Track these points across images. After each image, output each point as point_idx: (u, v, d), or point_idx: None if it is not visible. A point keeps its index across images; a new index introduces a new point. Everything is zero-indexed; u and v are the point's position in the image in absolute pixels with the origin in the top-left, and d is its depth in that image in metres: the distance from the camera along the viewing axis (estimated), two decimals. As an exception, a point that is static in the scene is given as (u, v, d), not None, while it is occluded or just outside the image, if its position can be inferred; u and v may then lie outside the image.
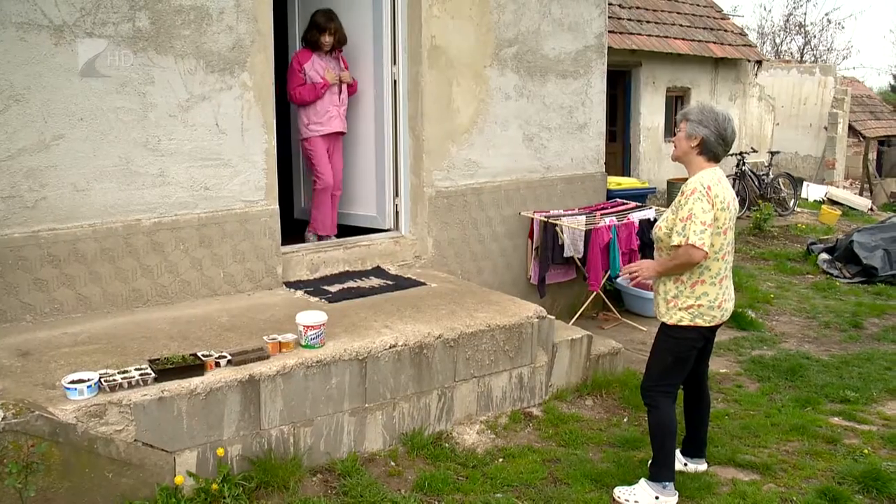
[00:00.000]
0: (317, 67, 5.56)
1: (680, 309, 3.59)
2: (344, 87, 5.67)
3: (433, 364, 4.23)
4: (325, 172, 5.65)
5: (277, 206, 4.96)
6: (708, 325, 3.60)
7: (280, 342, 3.81)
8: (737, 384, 5.39)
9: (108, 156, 4.31)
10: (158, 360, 3.55)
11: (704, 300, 3.57)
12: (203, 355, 3.62)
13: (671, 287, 3.61)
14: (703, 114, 3.58)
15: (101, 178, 4.31)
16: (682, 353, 3.64)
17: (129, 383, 3.35)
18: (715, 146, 3.58)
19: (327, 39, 5.52)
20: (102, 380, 3.33)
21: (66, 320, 4.21)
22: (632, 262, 6.39)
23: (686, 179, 3.70)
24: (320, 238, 5.74)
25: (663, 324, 3.67)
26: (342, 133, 5.74)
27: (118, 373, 3.42)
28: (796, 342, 6.49)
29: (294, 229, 5.85)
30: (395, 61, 5.57)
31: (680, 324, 3.59)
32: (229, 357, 3.65)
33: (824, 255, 9.36)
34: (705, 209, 3.45)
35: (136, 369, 3.47)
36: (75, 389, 3.23)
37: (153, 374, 3.43)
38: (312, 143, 5.63)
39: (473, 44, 5.77)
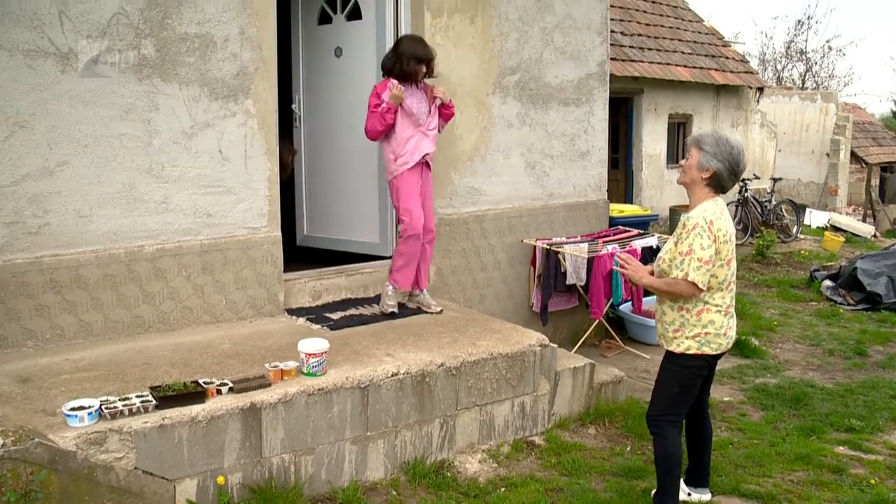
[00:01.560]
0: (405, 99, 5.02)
1: (687, 337, 3.59)
2: (433, 112, 5.11)
3: (435, 392, 4.24)
4: (415, 214, 4.99)
5: (280, 233, 5.00)
6: (714, 352, 3.61)
7: (282, 370, 3.83)
8: (740, 412, 5.38)
9: (111, 182, 4.36)
10: (160, 387, 3.56)
11: (711, 328, 3.57)
12: (204, 382, 3.63)
13: (675, 317, 3.62)
14: (719, 146, 3.53)
15: (105, 205, 4.35)
16: (689, 381, 3.65)
17: (130, 410, 3.36)
18: (726, 180, 3.56)
19: (424, 70, 5.05)
20: (103, 407, 3.34)
21: (67, 346, 4.23)
22: (631, 288, 6.48)
23: (687, 207, 3.73)
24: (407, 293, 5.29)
25: (669, 352, 3.67)
26: (429, 164, 5.18)
27: (119, 399, 3.43)
28: (800, 370, 6.49)
29: (296, 256, 5.88)
30: (399, 91, 5.62)
31: (687, 352, 3.59)
32: (231, 384, 3.67)
33: (828, 282, 9.38)
34: (705, 245, 3.45)
35: (137, 396, 3.48)
36: (76, 416, 3.24)
37: (154, 402, 3.44)
38: (400, 179, 5.03)
39: (476, 72, 5.84)
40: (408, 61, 4.93)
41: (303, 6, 6.15)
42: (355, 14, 5.75)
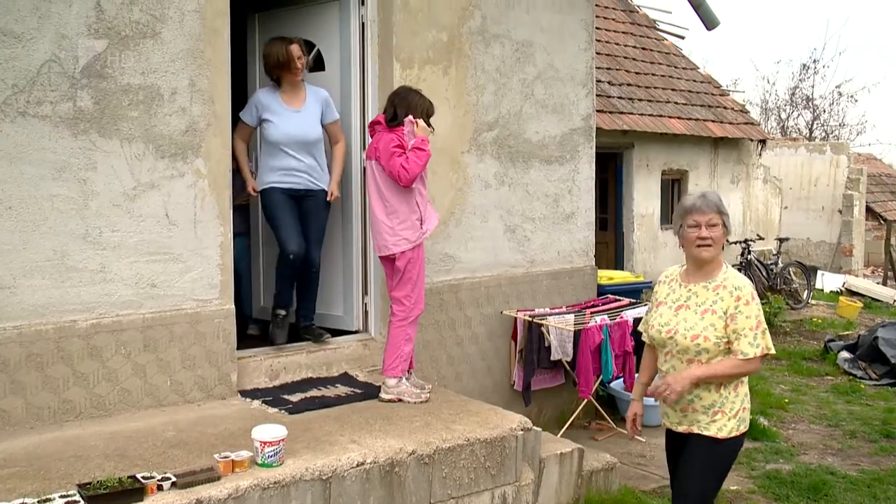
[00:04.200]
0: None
1: (731, 418, 3.60)
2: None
3: (406, 484, 4.26)
4: (423, 293, 5.15)
5: (233, 306, 5.05)
6: (746, 429, 3.70)
7: (233, 461, 3.83)
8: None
9: (40, 249, 4.38)
10: (89, 484, 3.51)
11: (746, 402, 3.67)
12: (143, 477, 3.61)
13: (713, 395, 3.61)
14: (725, 205, 3.70)
15: (32, 274, 4.36)
16: (727, 468, 3.69)
17: (53, 514, 3.32)
18: None
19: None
20: (19, 511, 3.30)
21: (-23, 438, 4.17)
22: (623, 363, 6.52)
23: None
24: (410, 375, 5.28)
25: (709, 440, 3.61)
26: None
27: (38, 502, 3.38)
28: (818, 454, 6.51)
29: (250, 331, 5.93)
30: (363, 148, 5.78)
31: (731, 436, 3.61)
32: (174, 479, 3.65)
33: (845, 354, 9.42)
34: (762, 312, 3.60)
35: (61, 496, 3.42)
36: (-14, 523, 3.21)
37: (82, 502, 3.40)
38: (417, 252, 5.03)
39: (450, 128, 6.02)
40: (421, 115, 5.02)
41: (260, 56, 6.31)
42: (318, 65, 5.93)
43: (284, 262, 5.45)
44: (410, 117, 4.98)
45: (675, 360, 3.69)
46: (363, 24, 5.76)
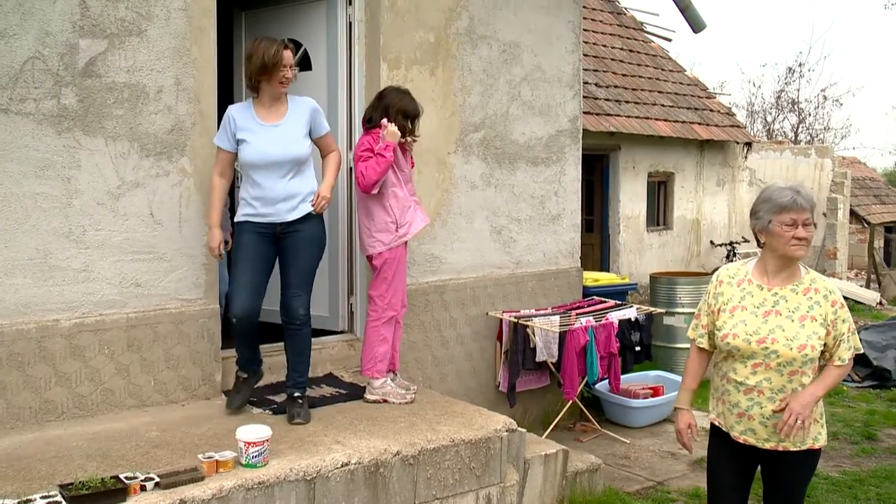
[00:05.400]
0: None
1: (822, 426, 3.53)
2: (409, 165, 5.23)
3: (390, 484, 4.27)
4: (399, 295, 5.16)
5: (218, 306, 5.05)
6: None
7: (217, 461, 3.83)
8: None
9: (22, 247, 4.37)
10: (71, 484, 3.50)
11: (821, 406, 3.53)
12: (126, 477, 3.60)
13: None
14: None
15: (14, 273, 4.35)
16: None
17: (34, 514, 3.31)
18: None
19: (409, 127, 5.12)
20: (0, 511, 3.30)
21: (-44, 439, 4.15)
22: (608, 365, 6.55)
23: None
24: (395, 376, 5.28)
25: (805, 453, 3.47)
26: None
27: (19, 502, 3.37)
28: (798, 456, 6.59)
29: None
30: (350, 148, 5.79)
31: (824, 444, 3.53)
32: (157, 479, 3.65)
33: (827, 357, 9.53)
34: None
35: (42, 497, 3.41)
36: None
37: (63, 502, 3.39)
38: (393, 254, 5.05)
39: (436, 128, 6.04)
40: (395, 115, 5.00)
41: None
42: (305, 64, 5.94)
43: (230, 323, 4.62)
44: (385, 120, 4.99)
45: (770, 373, 3.39)
46: (350, 23, 5.77)
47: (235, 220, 4.66)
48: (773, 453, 3.46)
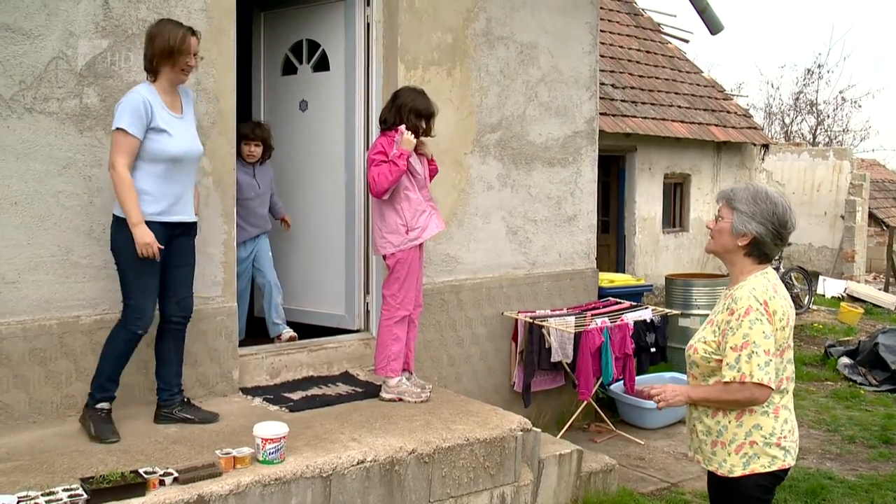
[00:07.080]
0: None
1: (731, 453, 3.11)
2: (425, 169, 5.20)
3: (405, 482, 4.30)
4: (412, 295, 5.13)
5: (236, 304, 5.10)
6: (766, 469, 3.11)
7: (234, 457, 3.87)
8: (746, 507, 5.45)
9: (45, 244, 4.43)
10: (92, 478, 3.55)
11: (758, 436, 3.10)
12: (145, 472, 3.65)
13: (709, 420, 3.19)
14: (757, 203, 3.10)
15: (36, 270, 4.41)
16: None
17: (56, 507, 3.34)
18: (770, 247, 3.15)
19: (424, 127, 5.12)
20: (22, 504, 3.33)
21: (-20, 432, 4.21)
22: (623, 366, 6.57)
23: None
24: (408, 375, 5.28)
25: (718, 478, 3.19)
26: None
27: (42, 495, 3.41)
28: (816, 459, 6.54)
29: (252, 329, 5.96)
30: (368, 146, 5.81)
31: (732, 475, 3.12)
32: (175, 474, 3.70)
33: (845, 360, 9.44)
34: (766, 333, 3.01)
35: (64, 490, 3.46)
36: (-13, 517, 3.22)
37: (85, 496, 3.43)
38: (404, 255, 5.05)
39: (453, 129, 6.06)
40: (408, 115, 5.01)
41: (265, 55, 6.37)
42: (322, 65, 5.98)
43: (127, 338, 4.26)
44: (402, 127, 5.00)
45: (693, 382, 3.30)
46: (368, 24, 5.80)
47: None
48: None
